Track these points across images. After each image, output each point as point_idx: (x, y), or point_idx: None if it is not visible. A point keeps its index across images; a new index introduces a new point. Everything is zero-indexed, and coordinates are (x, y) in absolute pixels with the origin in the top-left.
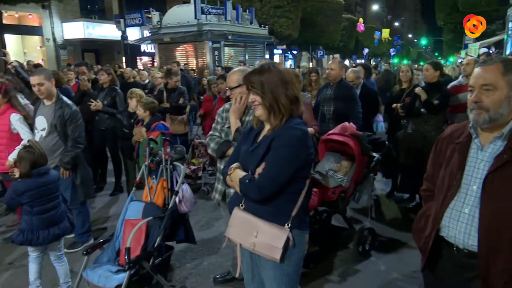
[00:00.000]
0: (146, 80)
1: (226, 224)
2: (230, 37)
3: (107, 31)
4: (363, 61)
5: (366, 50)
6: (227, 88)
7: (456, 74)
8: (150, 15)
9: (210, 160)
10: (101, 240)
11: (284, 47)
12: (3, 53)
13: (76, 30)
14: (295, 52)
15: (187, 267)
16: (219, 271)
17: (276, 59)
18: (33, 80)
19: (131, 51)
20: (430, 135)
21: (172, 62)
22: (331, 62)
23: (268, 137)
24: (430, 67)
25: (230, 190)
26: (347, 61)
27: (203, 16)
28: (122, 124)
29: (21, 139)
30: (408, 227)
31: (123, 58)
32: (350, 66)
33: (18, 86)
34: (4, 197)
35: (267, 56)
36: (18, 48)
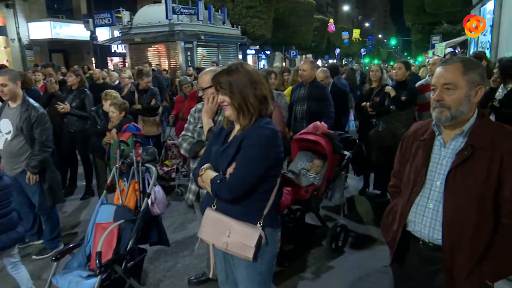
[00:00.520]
0: (116, 81)
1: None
2: (202, 37)
3: (75, 31)
4: (335, 61)
5: (338, 50)
6: (198, 88)
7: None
8: (120, 15)
9: (183, 161)
10: (71, 245)
11: (257, 47)
12: None
13: (42, 30)
14: (268, 52)
15: (161, 270)
16: (193, 273)
17: (249, 59)
18: None
19: (101, 51)
20: (400, 132)
21: (144, 63)
22: (302, 63)
23: (238, 137)
24: (402, 66)
25: (203, 190)
26: (319, 61)
27: (175, 16)
28: (95, 121)
29: None
30: (380, 223)
31: (93, 59)
32: (322, 66)
33: None
34: None
35: (240, 56)
36: None
